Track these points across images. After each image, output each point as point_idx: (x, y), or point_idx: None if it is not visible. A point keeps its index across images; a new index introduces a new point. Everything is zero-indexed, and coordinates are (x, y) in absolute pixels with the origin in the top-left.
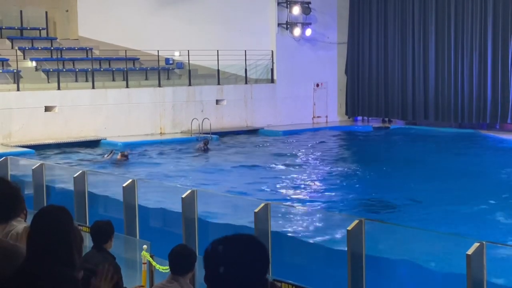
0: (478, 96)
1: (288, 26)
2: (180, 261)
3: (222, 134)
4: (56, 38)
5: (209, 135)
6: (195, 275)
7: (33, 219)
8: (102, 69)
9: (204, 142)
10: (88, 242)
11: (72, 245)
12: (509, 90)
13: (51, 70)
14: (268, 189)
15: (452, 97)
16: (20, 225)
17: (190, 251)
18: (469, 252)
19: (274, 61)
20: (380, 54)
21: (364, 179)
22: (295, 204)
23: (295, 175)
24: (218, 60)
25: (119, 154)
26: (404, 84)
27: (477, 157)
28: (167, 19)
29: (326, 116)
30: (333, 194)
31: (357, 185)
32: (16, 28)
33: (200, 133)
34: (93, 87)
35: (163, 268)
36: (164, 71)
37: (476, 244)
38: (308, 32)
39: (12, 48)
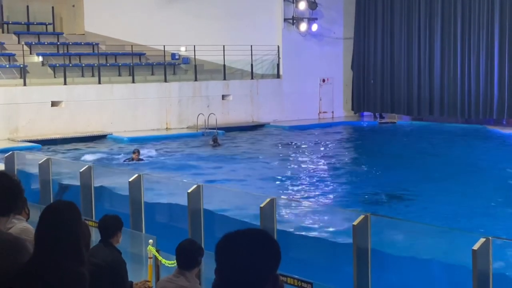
0: (484, 92)
1: (294, 21)
2: (188, 256)
3: (228, 129)
4: (62, 33)
5: (214, 131)
6: (201, 270)
7: (41, 215)
8: (108, 64)
9: (213, 139)
10: (94, 237)
11: (79, 241)
12: None
13: (57, 65)
14: (274, 184)
15: (459, 92)
16: (19, 224)
17: (197, 246)
18: (475, 247)
19: (280, 56)
20: (386, 49)
21: (370, 174)
22: (300, 199)
23: (301, 171)
24: (224, 55)
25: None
26: (410, 79)
27: (484, 153)
28: (173, 14)
29: (332, 112)
30: (339, 189)
31: (363, 181)
32: (22, 23)
33: (206, 129)
34: (99, 82)
35: (169, 262)
36: (170, 66)
37: (482, 240)
38: (314, 27)
39: (19, 43)
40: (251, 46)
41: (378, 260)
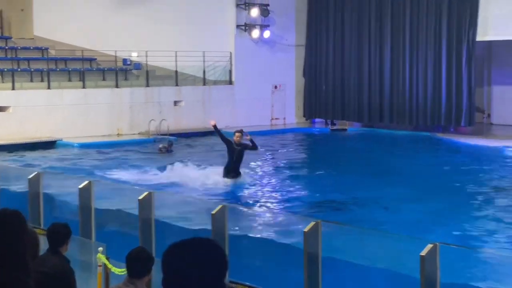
0: (432, 100)
1: (247, 28)
2: (138, 264)
3: (180, 135)
4: (11, 38)
5: (166, 137)
6: (151, 278)
7: None
8: (58, 69)
9: (168, 144)
10: (42, 245)
11: (25, 251)
12: (463, 94)
13: (5, 69)
14: (225, 191)
15: (407, 100)
16: None
17: (148, 254)
18: (423, 253)
19: (233, 62)
20: (337, 57)
21: (321, 181)
22: (252, 206)
23: (253, 177)
24: (176, 61)
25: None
26: (360, 87)
27: (432, 160)
28: (125, 19)
29: (284, 118)
30: (290, 195)
31: (314, 187)
32: None
33: (158, 135)
34: (48, 88)
35: (119, 270)
36: (122, 72)
37: (430, 246)
38: (267, 34)
39: None
40: (204, 52)
41: (328, 266)
